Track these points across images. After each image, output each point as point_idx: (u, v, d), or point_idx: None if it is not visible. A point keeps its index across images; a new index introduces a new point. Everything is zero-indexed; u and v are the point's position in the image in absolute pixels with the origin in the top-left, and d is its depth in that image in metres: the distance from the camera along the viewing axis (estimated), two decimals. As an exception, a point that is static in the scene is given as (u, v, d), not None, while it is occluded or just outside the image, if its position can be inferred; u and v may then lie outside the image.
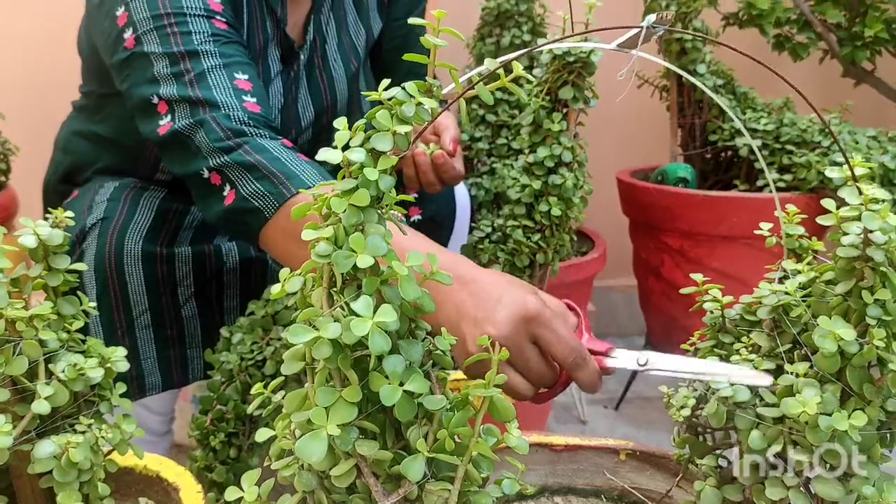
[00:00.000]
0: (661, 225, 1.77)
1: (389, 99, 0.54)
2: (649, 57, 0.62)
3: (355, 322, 0.49)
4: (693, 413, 0.71)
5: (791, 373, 0.60)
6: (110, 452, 0.69)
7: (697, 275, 0.73)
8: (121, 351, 0.69)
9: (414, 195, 1.28)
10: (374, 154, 0.53)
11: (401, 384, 0.51)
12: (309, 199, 0.54)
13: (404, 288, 0.52)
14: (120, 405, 0.70)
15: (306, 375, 0.55)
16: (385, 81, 0.54)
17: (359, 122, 0.55)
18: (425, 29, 0.57)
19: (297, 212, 0.57)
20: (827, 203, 0.60)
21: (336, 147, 0.54)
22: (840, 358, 0.58)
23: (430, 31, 0.56)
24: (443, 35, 0.57)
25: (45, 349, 0.65)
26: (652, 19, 0.58)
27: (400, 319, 0.52)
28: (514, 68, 0.55)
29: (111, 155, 1.29)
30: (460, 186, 1.50)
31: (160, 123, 1.04)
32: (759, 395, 0.62)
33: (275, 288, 0.57)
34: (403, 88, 0.54)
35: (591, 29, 0.85)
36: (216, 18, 1.09)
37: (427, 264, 0.56)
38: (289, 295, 0.57)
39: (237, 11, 1.18)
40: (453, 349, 0.76)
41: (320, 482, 0.55)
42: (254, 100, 1.04)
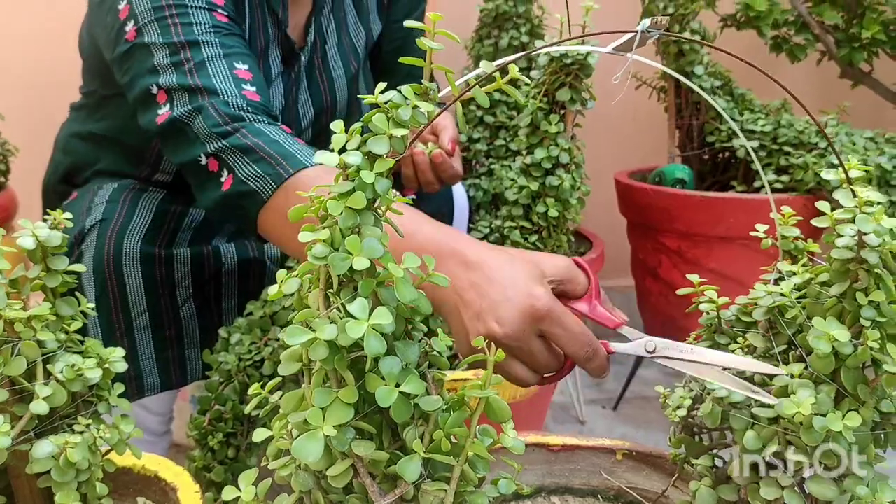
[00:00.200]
0: (659, 226, 1.77)
1: (386, 102, 0.54)
2: (645, 60, 0.62)
3: (351, 324, 0.49)
4: (689, 413, 0.72)
5: (786, 374, 0.60)
6: (108, 452, 0.70)
7: (694, 276, 0.74)
8: (119, 351, 0.69)
9: (412, 195, 1.28)
10: (371, 157, 0.54)
11: (397, 385, 0.51)
12: (306, 180, 0.53)
13: (400, 290, 0.52)
14: (118, 405, 0.70)
15: (303, 376, 0.56)
16: (381, 85, 0.55)
17: (355, 125, 0.55)
18: (423, 31, 0.57)
19: (295, 213, 0.57)
20: (821, 205, 0.61)
21: (333, 150, 0.54)
22: (834, 359, 0.58)
23: (427, 34, 0.57)
24: (440, 37, 0.57)
25: (44, 350, 0.65)
26: (647, 24, 0.58)
27: (396, 321, 0.53)
28: (511, 71, 0.55)
29: (112, 155, 1.30)
30: (458, 187, 1.50)
31: (159, 113, 1.04)
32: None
33: (272, 289, 0.58)
34: (400, 92, 0.54)
35: (587, 33, 0.85)
36: (217, 11, 1.09)
37: (424, 266, 0.56)
38: (286, 296, 0.57)
39: (239, 12, 1.19)
40: (452, 336, 0.76)
41: (317, 482, 0.55)
42: (253, 89, 1.04)
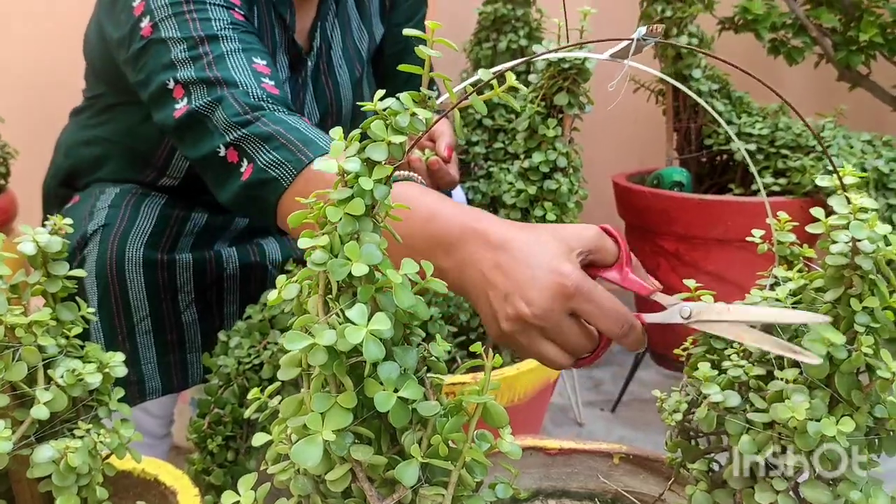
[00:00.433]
0: (657, 228, 1.77)
1: (384, 109, 0.55)
2: (641, 66, 0.63)
3: (350, 330, 0.50)
4: (685, 417, 0.72)
5: (781, 378, 0.61)
6: (108, 456, 0.70)
7: (690, 280, 0.74)
8: (119, 356, 0.69)
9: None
10: (370, 164, 0.54)
11: (395, 391, 0.52)
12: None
13: (399, 296, 0.53)
14: (118, 410, 0.71)
15: (303, 381, 0.56)
16: (380, 92, 0.55)
17: (354, 133, 0.55)
18: (423, 39, 0.58)
19: (295, 219, 0.57)
20: (816, 212, 0.61)
21: (332, 157, 0.55)
22: (829, 364, 0.58)
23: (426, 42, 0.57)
24: (438, 45, 0.57)
25: (44, 355, 0.66)
26: (643, 32, 0.59)
27: (394, 327, 0.53)
28: (508, 79, 0.56)
29: (117, 159, 1.29)
30: (457, 191, 1.51)
31: (176, 107, 1.02)
32: (749, 401, 0.63)
33: (272, 294, 0.58)
34: (398, 99, 0.54)
35: (584, 41, 0.86)
36: (235, 10, 1.09)
37: (422, 272, 0.57)
38: (286, 301, 0.58)
39: (249, 16, 1.19)
40: (482, 319, 0.74)
41: (316, 486, 0.56)
42: (272, 83, 1.03)
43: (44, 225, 0.68)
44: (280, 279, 0.58)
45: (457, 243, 0.75)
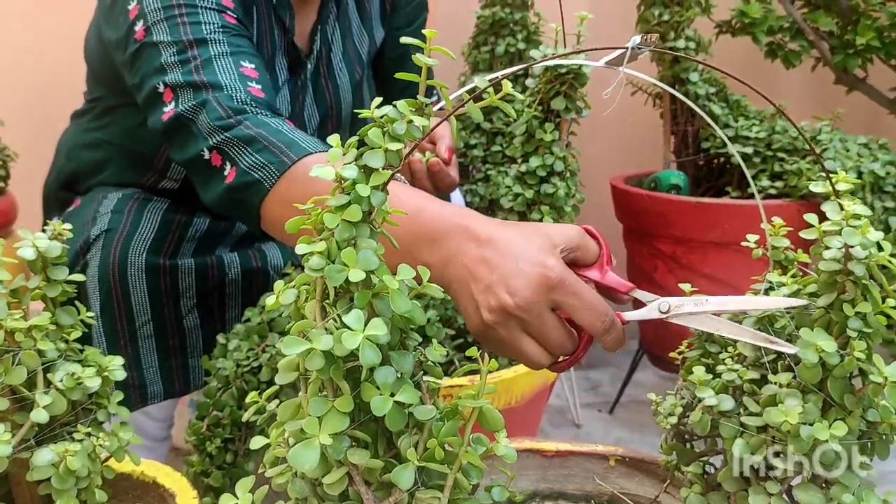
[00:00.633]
0: (655, 231, 1.78)
1: (381, 116, 0.55)
2: (636, 73, 0.64)
3: (346, 335, 0.50)
4: (680, 421, 0.73)
5: (775, 383, 0.62)
6: (108, 459, 0.71)
7: (686, 284, 0.75)
8: (118, 360, 0.70)
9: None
10: (367, 170, 0.55)
11: (392, 395, 0.53)
12: (310, 166, 0.53)
13: (395, 301, 0.53)
14: (118, 413, 0.71)
15: (300, 384, 0.57)
16: (377, 100, 0.56)
17: (351, 139, 0.56)
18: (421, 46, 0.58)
19: (292, 225, 0.58)
20: (809, 217, 0.62)
21: (329, 163, 0.55)
22: (822, 369, 0.59)
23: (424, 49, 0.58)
24: (436, 52, 0.58)
25: (44, 359, 0.66)
26: (637, 40, 0.59)
27: (391, 331, 0.54)
28: (504, 87, 0.57)
29: (118, 162, 1.30)
30: (456, 194, 1.51)
31: (164, 111, 1.04)
32: (743, 405, 0.64)
33: (269, 299, 0.59)
34: (395, 106, 0.55)
35: (579, 49, 0.87)
36: (227, 13, 1.10)
37: (418, 278, 0.57)
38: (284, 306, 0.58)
39: (247, 19, 1.19)
40: (462, 313, 0.74)
41: (313, 490, 0.56)
42: (258, 86, 1.04)
43: (44, 230, 0.69)
44: (278, 284, 0.58)
45: (441, 238, 0.75)
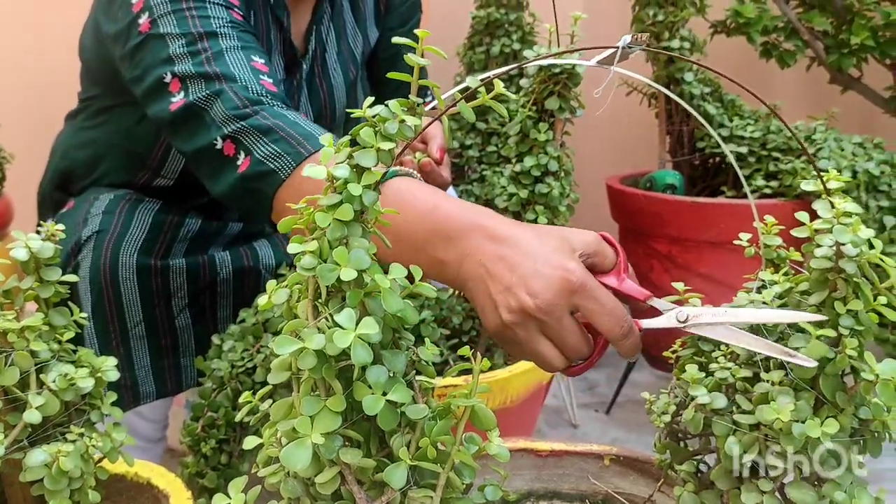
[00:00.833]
0: (650, 231, 1.78)
1: (374, 116, 0.55)
2: (627, 73, 0.64)
3: (338, 334, 0.50)
4: (673, 419, 0.73)
5: (767, 381, 0.62)
6: (101, 460, 0.71)
7: (679, 283, 0.75)
8: (111, 360, 0.70)
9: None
10: (359, 170, 0.55)
11: (384, 394, 0.53)
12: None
13: (387, 301, 0.53)
14: (111, 414, 0.71)
15: (293, 384, 0.57)
16: (369, 99, 0.56)
17: (343, 139, 0.56)
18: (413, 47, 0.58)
19: (284, 224, 0.58)
20: (801, 216, 0.62)
21: (321, 163, 0.55)
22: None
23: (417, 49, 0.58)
24: (431, 45, 0.58)
25: (37, 360, 0.66)
26: (627, 40, 0.59)
27: (383, 331, 0.54)
28: (496, 86, 0.57)
29: (112, 161, 1.30)
30: (449, 192, 1.51)
31: (172, 101, 1.03)
32: (736, 403, 0.64)
33: (262, 299, 0.59)
34: (387, 106, 0.55)
35: (571, 48, 0.87)
36: (234, 10, 1.10)
37: (410, 277, 0.57)
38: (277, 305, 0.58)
39: (247, 18, 1.20)
40: (478, 312, 0.73)
41: (306, 489, 0.56)
42: (270, 80, 1.04)
43: (37, 231, 0.69)
44: (270, 284, 0.58)
45: (458, 236, 0.74)
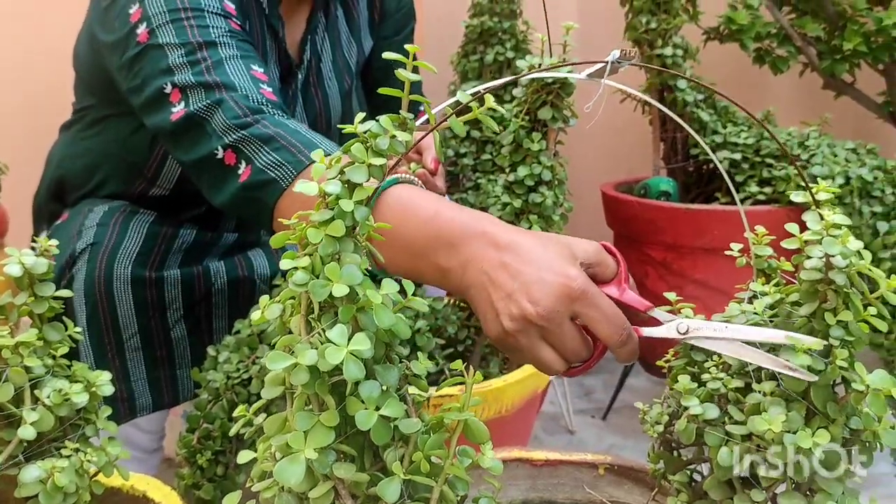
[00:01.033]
0: (645, 238, 1.79)
1: (365, 132, 0.56)
2: (617, 85, 0.64)
3: (331, 350, 0.51)
4: (667, 429, 0.73)
5: (759, 391, 0.62)
6: (96, 474, 0.71)
7: (671, 294, 0.75)
8: (105, 375, 0.70)
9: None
10: (350, 186, 0.55)
11: (377, 409, 0.53)
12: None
13: (379, 316, 0.53)
14: (106, 428, 0.71)
15: (287, 398, 0.57)
16: (360, 115, 0.56)
17: (335, 154, 0.56)
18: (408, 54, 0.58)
19: (277, 240, 0.58)
20: (791, 227, 0.62)
21: (313, 179, 0.56)
22: (804, 377, 0.59)
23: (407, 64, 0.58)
24: (425, 54, 0.58)
25: (31, 375, 0.66)
26: (616, 55, 0.60)
27: (375, 346, 0.54)
28: (487, 101, 0.57)
29: (108, 170, 1.30)
30: (446, 201, 1.52)
31: (172, 111, 1.03)
32: (728, 413, 0.64)
33: (255, 314, 0.59)
34: (378, 122, 0.56)
35: (563, 62, 0.87)
36: (232, 20, 1.10)
37: (403, 291, 0.58)
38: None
39: (244, 26, 1.20)
40: (479, 319, 0.74)
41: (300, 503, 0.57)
42: (270, 89, 1.04)
43: (32, 247, 0.69)
44: (263, 299, 0.58)
45: (460, 243, 0.74)
